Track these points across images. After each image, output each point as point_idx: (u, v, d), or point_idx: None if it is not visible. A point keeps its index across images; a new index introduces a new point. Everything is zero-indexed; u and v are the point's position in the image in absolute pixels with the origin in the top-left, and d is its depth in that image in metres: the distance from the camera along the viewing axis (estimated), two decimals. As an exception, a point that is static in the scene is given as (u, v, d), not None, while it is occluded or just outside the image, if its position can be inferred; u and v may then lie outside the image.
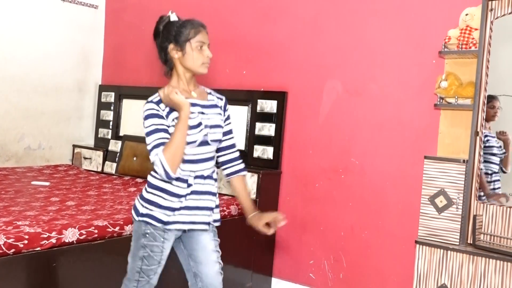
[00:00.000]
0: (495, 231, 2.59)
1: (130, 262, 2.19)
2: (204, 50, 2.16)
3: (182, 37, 2.15)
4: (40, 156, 4.61)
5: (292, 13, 3.73)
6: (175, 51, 2.17)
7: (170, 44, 2.17)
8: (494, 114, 2.76)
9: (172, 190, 2.11)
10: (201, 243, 2.24)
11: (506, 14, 2.59)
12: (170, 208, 2.11)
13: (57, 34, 4.66)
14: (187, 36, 2.14)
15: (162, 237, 2.13)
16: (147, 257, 2.13)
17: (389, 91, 3.28)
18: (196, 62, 2.15)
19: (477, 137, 2.64)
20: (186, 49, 2.14)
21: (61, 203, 3.07)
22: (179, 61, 2.19)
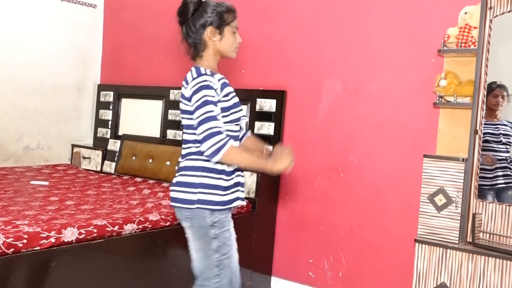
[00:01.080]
0: (494, 229, 2.59)
1: (202, 259, 2.12)
2: (236, 36, 2.19)
3: (223, 21, 2.12)
4: (39, 156, 4.61)
5: (291, 12, 3.73)
6: (214, 34, 2.12)
7: (210, 27, 2.12)
8: (496, 104, 2.76)
9: (223, 168, 2.08)
10: (232, 228, 2.22)
11: (505, 12, 2.59)
12: (228, 187, 2.09)
13: (55, 33, 4.65)
14: (227, 20, 2.13)
15: (227, 220, 2.11)
16: (221, 246, 2.09)
17: (388, 90, 3.28)
18: (232, 47, 2.17)
19: (476, 136, 2.64)
20: (225, 33, 2.13)
21: (60, 202, 3.07)
22: (214, 44, 2.15)
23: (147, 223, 2.78)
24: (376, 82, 3.32)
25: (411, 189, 3.12)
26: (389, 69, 3.28)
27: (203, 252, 2.11)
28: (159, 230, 2.83)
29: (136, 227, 2.72)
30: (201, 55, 2.18)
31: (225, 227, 2.10)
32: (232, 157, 2.00)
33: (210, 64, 2.18)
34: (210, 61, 2.19)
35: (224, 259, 2.11)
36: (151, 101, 4.48)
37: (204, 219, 2.06)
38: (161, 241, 2.84)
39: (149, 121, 4.49)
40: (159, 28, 4.58)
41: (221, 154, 1.96)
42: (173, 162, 3.94)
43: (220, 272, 2.12)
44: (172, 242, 2.91)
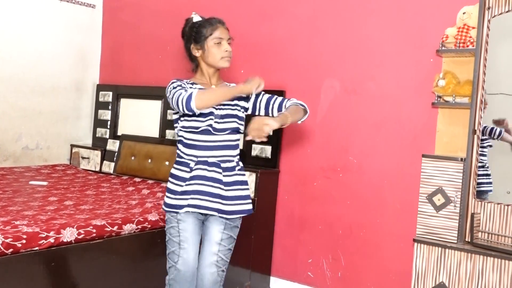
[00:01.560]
0: (492, 229, 2.60)
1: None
2: (222, 45, 2.32)
3: (201, 36, 2.31)
4: (38, 156, 4.61)
5: (290, 12, 3.73)
6: (196, 49, 2.35)
7: (191, 44, 2.36)
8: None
9: (177, 174, 2.32)
10: (209, 232, 2.33)
11: (503, 13, 2.60)
12: (175, 191, 2.29)
13: (54, 33, 4.65)
14: (205, 34, 2.31)
15: (176, 219, 2.27)
16: (168, 241, 2.33)
17: (387, 90, 3.29)
18: (216, 58, 2.32)
19: (474, 136, 2.64)
20: (205, 47, 2.32)
21: (59, 202, 3.07)
22: (201, 58, 2.37)
23: (146, 223, 2.79)
24: (375, 82, 3.33)
25: (410, 189, 3.13)
26: (387, 69, 3.28)
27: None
28: (158, 230, 2.84)
29: (135, 227, 2.73)
30: (196, 70, 2.45)
31: (171, 224, 2.31)
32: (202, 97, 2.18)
33: (204, 78, 2.40)
34: (203, 75, 2.40)
35: (171, 254, 2.31)
36: (150, 101, 4.49)
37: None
38: (160, 241, 2.84)
39: (148, 121, 4.49)
40: (158, 28, 4.58)
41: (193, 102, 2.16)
42: (172, 162, 3.94)
43: (169, 265, 2.32)
44: (171, 242, 2.92)
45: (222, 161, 2.30)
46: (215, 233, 2.31)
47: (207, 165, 2.27)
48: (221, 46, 2.32)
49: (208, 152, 2.28)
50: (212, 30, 2.31)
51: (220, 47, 2.31)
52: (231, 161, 2.33)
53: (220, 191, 2.28)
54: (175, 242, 2.28)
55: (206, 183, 2.26)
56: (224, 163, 2.30)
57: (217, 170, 2.28)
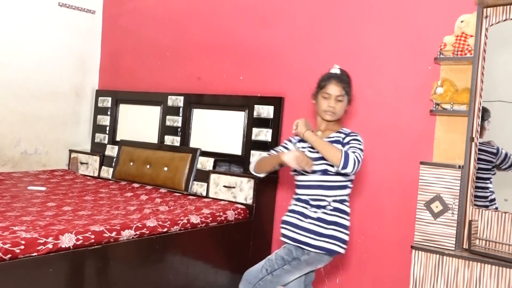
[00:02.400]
0: (490, 236, 2.60)
1: None
2: (328, 100, 2.48)
3: (318, 87, 2.52)
4: (37, 161, 4.61)
5: (289, 19, 3.75)
6: (313, 98, 2.57)
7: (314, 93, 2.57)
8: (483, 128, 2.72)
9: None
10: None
11: (500, 21, 2.61)
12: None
13: (54, 39, 4.66)
14: (321, 86, 2.51)
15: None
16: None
17: (385, 97, 3.30)
18: (320, 110, 2.51)
19: (472, 143, 2.65)
20: (318, 98, 2.53)
21: (58, 208, 3.07)
22: (316, 106, 2.56)
23: (144, 229, 2.79)
24: (373, 89, 3.34)
25: (408, 196, 3.13)
26: (386, 76, 3.30)
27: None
28: (156, 236, 2.84)
29: (134, 233, 2.73)
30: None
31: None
32: (253, 166, 2.63)
33: (317, 123, 2.59)
34: (317, 121, 2.59)
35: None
36: (149, 107, 4.50)
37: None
38: (158, 247, 2.85)
39: (147, 126, 4.50)
40: (157, 34, 4.59)
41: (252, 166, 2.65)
42: (171, 168, 3.95)
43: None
44: (170, 248, 2.92)
45: (321, 200, 2.47)
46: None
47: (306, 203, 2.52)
48: (327, 101, 2.47)
49: (308, 191, 2.50)
50: (325, 84, 2.48)
51: (325, 101, 2.47)
52: (324, 200, 2.47)
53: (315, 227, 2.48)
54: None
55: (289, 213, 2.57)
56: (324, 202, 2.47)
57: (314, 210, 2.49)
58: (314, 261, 2.45)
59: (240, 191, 3.57)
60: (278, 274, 2.45)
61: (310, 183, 2.47)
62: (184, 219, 3.03)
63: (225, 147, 3.97)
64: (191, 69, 4.34)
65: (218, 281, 3.28)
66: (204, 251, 3.17)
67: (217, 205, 3.41)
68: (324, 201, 2.43)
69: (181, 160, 3.93)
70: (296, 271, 2.47)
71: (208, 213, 3.20)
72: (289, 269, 2.45)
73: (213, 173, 3.75)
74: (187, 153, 3.96)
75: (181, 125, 4.25)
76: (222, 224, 3.26)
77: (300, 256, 2.43)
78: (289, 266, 2.45)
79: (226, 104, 3.99)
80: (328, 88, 2.47)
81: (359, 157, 2.32)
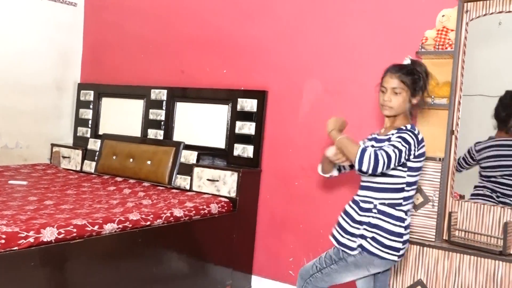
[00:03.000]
0: (469, 227, 2.65)
1: None
2: (385, 94, 2.35)
3: (381, 81, 2.39)
4: (18, 155, 4.55)
5: (273, 13, 3.75)
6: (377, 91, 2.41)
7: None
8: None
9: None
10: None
11: (480, 16, 2.65)
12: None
13: (35, 32, 4.60)
14: (381, 80, 2.39)
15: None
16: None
17: (368, 91, 3.32)
18: (379, 103, 2.38)
19: (452, 136, 2.69)
20: (379, 91, 2.39)
21: (39, 202, 3.04)
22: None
23: (127, 222, 2.78)
24: (356, 82, 3.36)
25: (390, 189, 3.16)
26: (369, 70, 3.32)
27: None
28: (139, 230, 2.83)
29: (116, 227, 2.72)
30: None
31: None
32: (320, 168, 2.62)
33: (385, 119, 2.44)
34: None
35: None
36: (132, 101, 4.47)
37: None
38: (141, 240, 2.84)
39: (130, 120, 4.47)
40: (140, 27, 4.56)
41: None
42: (154, 162, 3.94)
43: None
44: (153, 242, 2.91)
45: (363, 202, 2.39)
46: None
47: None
48: (384, 95, 2.35)
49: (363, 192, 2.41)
50: (382, 78, 2.38)
51: (382, 95, 2.36)
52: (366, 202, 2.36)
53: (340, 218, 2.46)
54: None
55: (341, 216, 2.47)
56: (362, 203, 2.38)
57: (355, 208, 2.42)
58: (363, 263, 2.31)
59: (223, 184, 3.57)
60: (327, 272, 2.39)
61: (361, 184, 2.40)
62: (167, 213, 3.02)
63: (209, 140, 3.97)
64: (174, 63, 4.33)
65: (201, 274, 3.28)
66: (188, 244, 3.17)
67: (201, 198, 3.42)
68: (371, 203, 2.30)
69: (164, 154, 3.92)
70: (346, 272, 2.38)
71: (191, 207, 3.20)
72: (337, 269, 2.37)
73: (197, 166, 3.74)
74: (171, 146, 3.95)
75: (164, 119, 4.23)
76: (205, 218, 3.27)
77: (347, 258, 2.34)
78: (337, 266, 2.37)
79: (210, 98, 3.98)
80: (383, 80, 2.36)
81: (382, 155, 2.11)
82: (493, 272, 2.46)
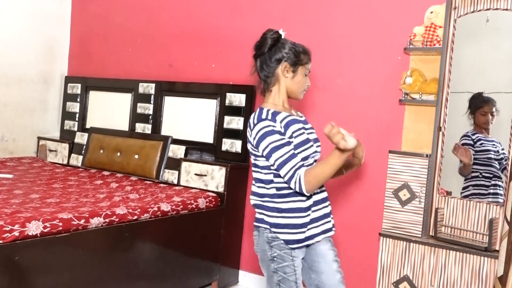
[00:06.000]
0: (455, 223, 2.67)
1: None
2: (307, 78, 2.23)
3: (299, 60, 2.17)
4: (3, 148, 4.50)
5: (262, 8, 3.74)
6: (287, 70, 2.17)
7: (284, 62, 2.17)
8: (486, 121, 2.73)
9: (298, 206, 2.10)
10: (321, 254, 2.24)
11: (468, 13, 2.66)
12: (304, 224, 2.11)
13: (21, 23, 4.54)
14: (303, 60, 2.19)
15: (291, 256, 2.12)
16: (282, 280, 2.12)
17: (355, 87, 3.33)
18: (301, 88, 2.21)
19: (439, 133, 2.71)
20: (298, 72, 2.18)
21: (25, 195, 3.01)
22: (284, 82, 2.18)
23: (114, 216, 2.76)
24: (344, 78, 3.37)
25: (376, 184, 3.18)
26: (356, 66, 3.33)
27: (268, 282, 2.19)
28: (126, 224, 2.81)
29: (103, 221, 2.70)
30: (270, 89, 2.21)
31: (285, 262, 2.13)
32: (312, 181, 2.00)
33: (276, 100, 2.20)
34: (277, 97, 2.20)
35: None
36: (119, 94, 4.44)
37: (266, 253, 2.15)
38: (128, 235, 2.83)
39: (117, 114, 4.44)
40: (128, 20, 4.52)
41: (304, 188, 1.99)
42: (142, 156, 3.92)
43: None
44: (139, 236, 2.90)
45: None
46: (329, 252, 2.26)
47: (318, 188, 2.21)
48: (307, 80, 2.23)
49: None
50: (308, 60, 2.22)
51: (306, 80, 2.22)
52: None
53: (329, 208, 2.26)
54: (291, 281, 2.13)
55: (323, 204, 2.21)
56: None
57: (323, 189, 2.24)
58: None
59: (211, 179, 3.56)
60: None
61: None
62: (155, 207, 3.01)
63: (197, 135, 3.96)
64: (162, 56, 4.30)
65: (189, 269, 3.28)
66: (175, 239, 3.16)
67: (188, 193, 3.41)
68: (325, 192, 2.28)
69: (152, 148, 3.90)
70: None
71: (179, 201, 3.19)
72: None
73: (185, 161, 3.73)
74: (158, 141, 3.93)
75: (152, 113, 4.21)
76: (193, 212, 3.26)
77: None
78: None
79: (198, 92, 3.96)
80: (310, 65, 2.29)
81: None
82: (478, 268, 2.48)
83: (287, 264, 2.12)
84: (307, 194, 2.04)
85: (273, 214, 2.12)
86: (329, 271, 2.23)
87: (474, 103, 2.74)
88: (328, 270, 2.23)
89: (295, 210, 2.11)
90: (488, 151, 2.71)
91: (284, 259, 2.12)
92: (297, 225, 2.10)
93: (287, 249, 2.12)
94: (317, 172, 2.01)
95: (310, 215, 2.13)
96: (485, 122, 2.74)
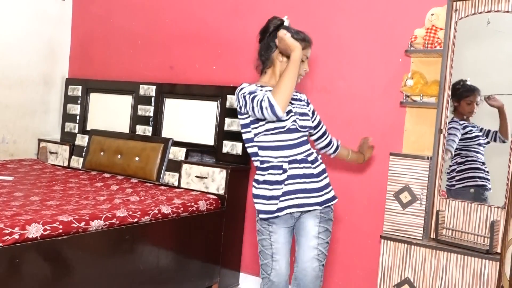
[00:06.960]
0: (456, 226, 2.66)
1: None
2: (304, 64, 2.34)
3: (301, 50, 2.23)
4: (4, 151, 4.50)
5: (262, 9, 3.73)
6: (282, 55, 2.30)
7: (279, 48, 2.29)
8: (471, 111, 2.79)
9: (271, 179, 2.24)
10: (305, 228, 2.32)
11: (469, 15, 2.66)
12: (274, 197, 2.22)
13: (22, 25, 4.54)
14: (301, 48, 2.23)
15: (268, 231, 2.29)
16: (261, 252, 2.33)
17: (356, 89, 3.33)
18: (298, 73, 2.25)
19: (441, 135, 2.70)
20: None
21: (25, 198, 3.01)
22: (281, 65, 2.32)
23: (114, 219, 2.76)
24: (345, 80, 3.37)
25: (378, 187, 3.18)
26: (358, 68, 3.32)
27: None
28: (126, 227, 2.81)
29: (103, 223, 2.69)
30: (265, 71, 2.38)
31: (263, 236, 2.32)
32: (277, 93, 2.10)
33: (270, 81, 2.35)
34: (271, 79, 2.36)
35: (264, 265, 2.32)
36: (120, 96, 4.43)
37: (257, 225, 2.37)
38: (128, 237, 2.82)
39: (118, 116, 4.44)
40: (129, 21, 4.53)
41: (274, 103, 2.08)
42: (142, 158, 3.92)
43: (262, 277, 2.35)
44: (140, 239, 2.90)
45: (308, 155, 2.32)
46: (312, 228, 2.31)
47: (298, 163, 2.27)
48: (304, 65, 2.33)
49: (295, 150, 2.29)
50: (305, 46, 2.31)
51: (302, 65, 2.31)
52: (312, 153, 2.36)
53: (314, 184, 2.30)
54: (267, 254, 2.30)
55: (301, 180, 2.27)
56: (310, 157, 2.33)
57: (307, 166, 2.30)
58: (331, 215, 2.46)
59: (212, 181, 3.56)
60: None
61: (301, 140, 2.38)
62: (155, 210, 3.01)
63: (198, 137, 3.95)
64: (163, 58, 4.30)
65: (189, 271, 3.27)
66: (175, 241, 3.16)
67: (189, 195, 3.40)
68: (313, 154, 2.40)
69: (152, 150, 3.90)
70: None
71: (179, 204, 3.19)
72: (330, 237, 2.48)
73: (185, 163, 3.73)
74: (159, 143, 3.92)
75: (153, 115, 4.20)
76: (193, 215, 3.25)
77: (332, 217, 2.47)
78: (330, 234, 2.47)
79: (199, 94, 3.96)
80: (306, 51, 2.40)
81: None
82: (479, 270, 2.47)
83: (264, 238, 2.31)
84: (281, 109, 2.08)
85: (255, 185, 2.30)
86: (306, 246, 2.32)
87: (459, 91, 2.76)
88: (306, 244, 2.32)
89: (272, 183, 2.24)
90: (477, 138, 2.77)
91: (263, 232, 2.31)
92: (272, 196, 2.23)
93: (266, 224, 2.29)
94: (278, 86, 2.11)
95: (283, 188, 2.24)
96: (470, 111, 2.79)
